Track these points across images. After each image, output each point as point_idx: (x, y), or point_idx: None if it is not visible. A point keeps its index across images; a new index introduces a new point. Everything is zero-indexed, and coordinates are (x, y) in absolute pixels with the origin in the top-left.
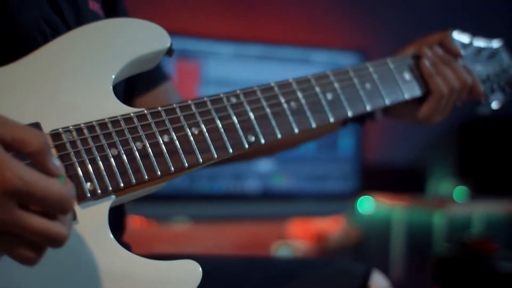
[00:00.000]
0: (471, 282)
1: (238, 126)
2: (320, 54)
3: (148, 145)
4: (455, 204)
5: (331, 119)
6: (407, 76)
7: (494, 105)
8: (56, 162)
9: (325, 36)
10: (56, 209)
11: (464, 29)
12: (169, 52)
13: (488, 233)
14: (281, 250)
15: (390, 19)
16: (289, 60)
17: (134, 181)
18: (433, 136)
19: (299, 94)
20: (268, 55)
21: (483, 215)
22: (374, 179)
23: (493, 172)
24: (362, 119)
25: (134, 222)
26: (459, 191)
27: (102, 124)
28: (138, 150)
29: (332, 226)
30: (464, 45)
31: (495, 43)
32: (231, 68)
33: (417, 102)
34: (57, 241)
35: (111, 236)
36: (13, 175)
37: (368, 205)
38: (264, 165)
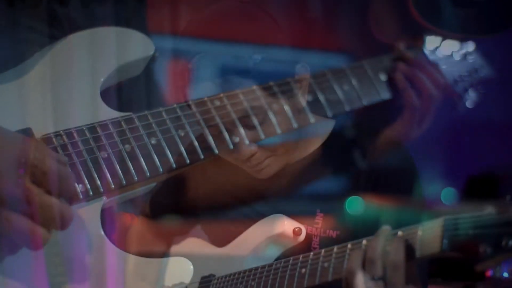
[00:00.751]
0: (457, 284)
1: (222, 127)
2: (311, 56)
3: (136, 147)
4: (443, 205)
5: (312, 120)
6: (383, 77)
7: (468, 104)
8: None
9: (316, 38)
10: (61, 187)
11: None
12: (153, 59)
13: (475, 236)
14: (270, 249)
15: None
16: (281, 62)
17: (124, 182)
18: (421, 137)
19: (280, 96)
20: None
21: (470, 217)
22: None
23: (481, 174)
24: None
25: (125, 220)
26: (447, 193)
27: (91, 128)
28: (127, 152)
29: (320, 226)
30: (436, 48)
31: (466, 45)
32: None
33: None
34: (64, 220)
35: (104, 235)
36: (26, 150)
37: (357, 205)
38: None
